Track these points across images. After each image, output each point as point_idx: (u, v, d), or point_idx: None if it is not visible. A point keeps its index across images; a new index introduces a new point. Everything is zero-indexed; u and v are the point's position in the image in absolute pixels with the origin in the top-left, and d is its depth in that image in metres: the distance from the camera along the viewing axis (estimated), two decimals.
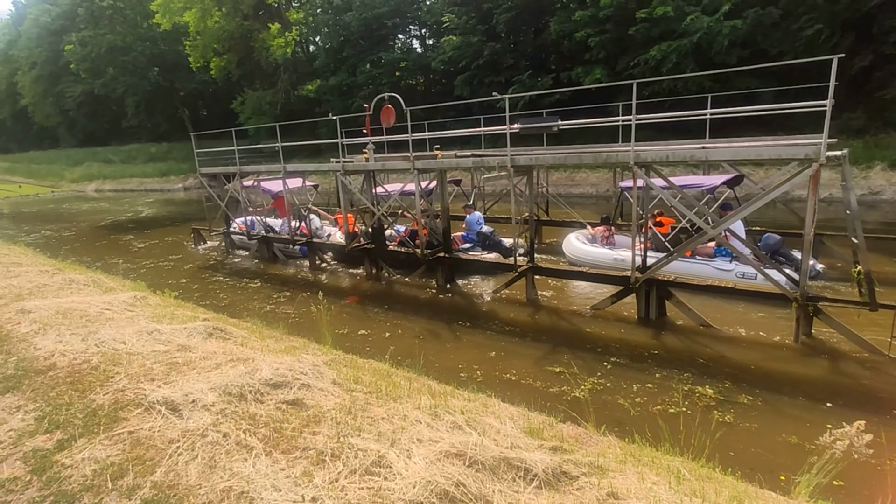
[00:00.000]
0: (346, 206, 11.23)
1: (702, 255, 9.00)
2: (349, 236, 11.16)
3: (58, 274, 8.52)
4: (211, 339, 5.28)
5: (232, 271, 12.69)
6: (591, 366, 6.46)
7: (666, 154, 7.43)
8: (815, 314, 6.51)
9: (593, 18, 21.43)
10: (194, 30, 36.53)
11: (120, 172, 43.34)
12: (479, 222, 11.51)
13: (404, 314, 8.96)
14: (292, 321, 8.49)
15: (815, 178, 6.02)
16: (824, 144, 5.90)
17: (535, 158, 8.90)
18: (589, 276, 8.67)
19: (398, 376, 4.87)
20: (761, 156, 6.84)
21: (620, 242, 10.80)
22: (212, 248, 15.87)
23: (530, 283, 9.10)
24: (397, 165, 10.43)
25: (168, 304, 7.11)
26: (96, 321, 5.62)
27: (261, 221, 13.52)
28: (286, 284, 11.21)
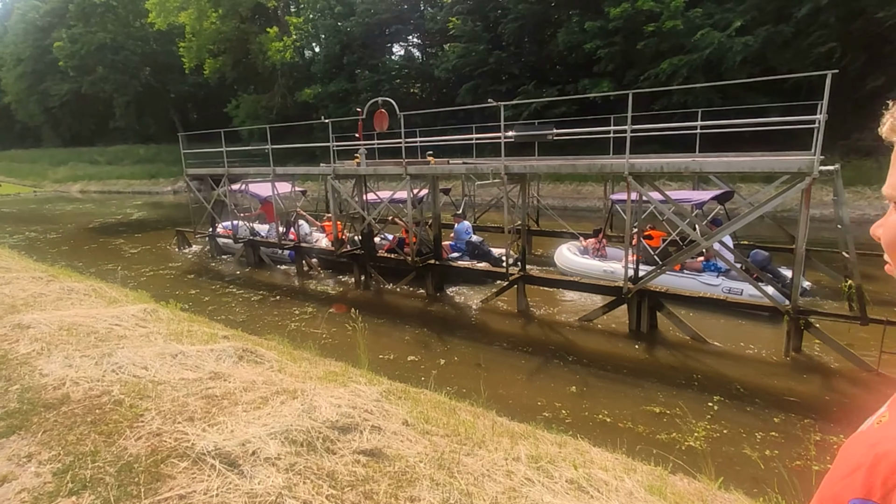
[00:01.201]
0: (336, 211, 10.94)
1: (690, 269, 9.09)
2: (338, 242, 10.85)
3: (53, 281, 7.74)
4: (243, 364, 4.61)
5: (243, 281, 11.94)
6: (694, 405, 5.68)
7: (660, 165, 7.43)
8: (806, 328, 6.55)
9: (602, 30, 21.19)
10: (190, 31, 35.69)
11: (106, 174, 42.05)
12: (467, 232, 11.42)
13: (411, 327, 8.69)
14: (305, 334, 7.82)
15: (808, 192, 6.12)
16: (817, 158, 5.95)
17: (529, 167, 8.72)
18: (581, 286, 8.65)
19: (464, 411, 4.26)
20: (755, 168, 6.93)
21: (612, 254, 10.84)
22: (195, 252, 15.29)
23: (521, 292, 8.98)
24: (389, 171, 10.23)
25: (181, 319, 6.40)
26: (107, 340, 4.92)
27: (246, 226, 13.15)
28: (295, 296, 10.59)
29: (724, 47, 18.41)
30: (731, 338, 7.44)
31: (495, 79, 26.25)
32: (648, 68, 20.94)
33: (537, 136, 10.30)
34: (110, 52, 39.97)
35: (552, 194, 22.61)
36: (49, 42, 43.29)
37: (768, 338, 7.40)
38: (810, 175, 6.03)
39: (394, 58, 33.49)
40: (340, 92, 32.22)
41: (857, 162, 17.85)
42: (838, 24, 17.90)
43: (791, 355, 6.76)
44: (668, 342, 7.56)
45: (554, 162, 8.82)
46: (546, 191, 23.05)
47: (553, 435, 3.86)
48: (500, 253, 10.95)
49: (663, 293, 7.65)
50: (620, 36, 21.13)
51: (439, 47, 30.68)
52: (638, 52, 21.36)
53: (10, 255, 11.48)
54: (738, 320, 8.00)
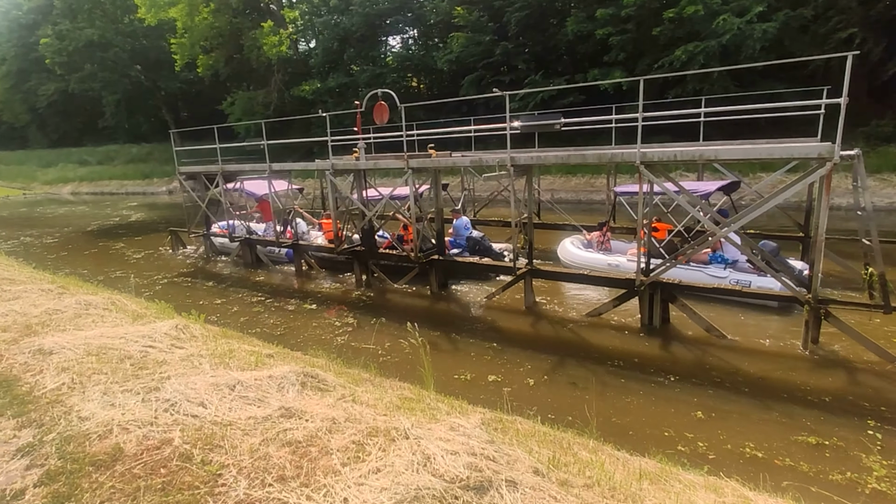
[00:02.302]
0: (335, 207, 10.48)
1: (696, 261, 8.86)
2: (337, 240, 10.43)
3: (65, 294, 7.02)
4: (308, 392, 3.97)
5: (259, 287, 11.18)
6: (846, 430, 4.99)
7: (673, 154, 7.11)
8: (826, 318, 6.34)
9: (615, 17, 20.54)
10: (181, 26, 34.58)
11: (98, 174, 40.88)
12: (466, 227, 11.17)
13: (442, 331, 8.10)
14: (355, 350, 7.12)
15: (829, 178, 5.93)
16: (838, 143, 5.74)
17: (537, 157, 8.39)
18: (591, 279, 8.38)
19: (577, 445, 3.64)
20: (772, 155, 6.58)
21: (616, 248, 10.64)
22: (190, 253, 14.77)
23: (529, 286, 8.73)
24: (390, 165, 9.85)
25: (215, 336, 5.72)
26: (146, 367, 4.24)
27: (243, 225, 12.67)
28: (329, 303, 9.78)
29: (743, 34, 17.82)
30: (740, 331, 7.31)
31: (500, 70, 25.55)
32: (661, 56, 20.34)
33: (544, 126, 9.78)
34: (99, 49, 38.68)
35: (564, 187, 22.08)
36: (34, 40, 41.84)
37: (779, 330, 7.33)
38: (831, 160, 5.83)
39: (394, 50, 32.64)
40: (339, 87, 31.35)
41: (883, 149, 17.37)
42: (859, 9, 17.39)
43: (810, 347, 6.57)
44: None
45: (562, 152, 8.54)
46: (559, 184, 22.54)
47: (699, 476, 3.25)
48: (501, 248, 10.89)
49: (676, 285, 7.40)
50: (633, 23, 20.49)
51: (441, 39, 29.88)
52: (650, 40, 20.77)
53: (9, 263, 10.70)
54: (744, 313, 7.88)
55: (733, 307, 8.05)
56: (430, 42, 31.34)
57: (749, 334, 7.26)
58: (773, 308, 7.92)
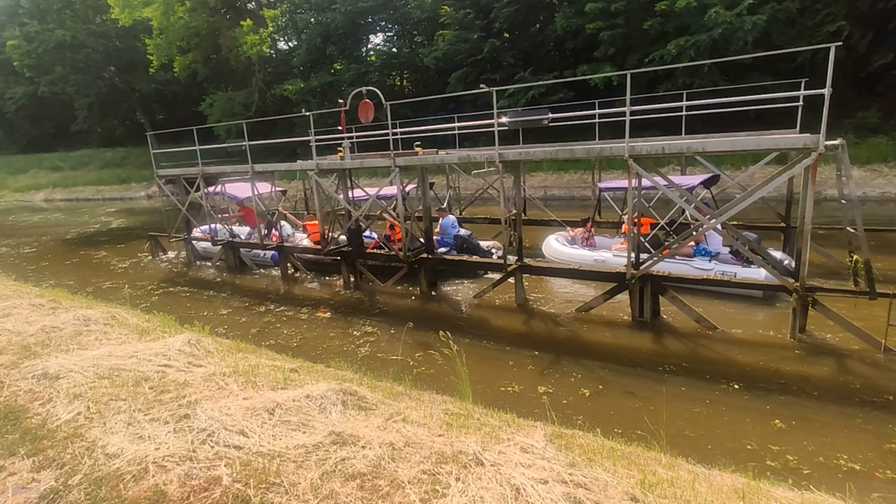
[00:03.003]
0: (320, 208, 10.23)
1: (681, 255, 8.95)
2: (324, 240, 10.21)
3: (58, 309, 6.54)
4: (351, 412, 3.64)
5: (256, 293, 10.69)
6: None
7: (662, 147, 7.16)
8: (813, 305, 6.47)
9: (604, 11, 20.45)
10: (157, 26, 33.55)
11: (72, 180, 39.49)
12: (453, 226, 11.14)
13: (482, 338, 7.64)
14: (384, 361, 6.71)
15: (814, 168, 6.06)
16: (823, 133, 5.84)
17: (525, 153, 8.40)
18: (582, 273, 8.47)
19: (651, 461, 3.38)
20: (759, 146, 6.74)
21: (600, 244, 10.70)
22: (171, 258, 14.34)
23: (519, 283, 8.75)
24: (376, 163, 9.71)
25: (230, 350, 5.34)
26: (167, 390, 3.86)
27: (225, 228, 12.34)
28: (344, 310, 9.22)
29: (733, 27, 17.87)
30: (729, 322, 7.37)
31: (488, 67, 25.29)
32: (651, 51, 20.32)
33: (532, 121, 9.65)
34: (70, 50, 37.29)
35: (557, 184, 21.96)
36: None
37: (768, 320, 7.46)
38: (816, 150, 5.96)
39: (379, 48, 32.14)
40: (323, 86, 30.75)
41: (873, 140, 17.59)
42: (846, 2, 17.57)
43: (798, 336, 6.66)
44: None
45: (550, 148, 8.52)
46: (551, 181, 22.41)
47: (790, 491, 3.00)
48: (489, 245, 10.93)
49: (666, 277, 7.49)
50: (623, 17, 20.42)
51: (426, 36, 29.52)
52: (640, 35, 20.74)
53: None
54: (727, 304, 7.97)
55: (716, 299, 8.14)
56: (416, 40, 30.94)
57: (757, 326, 7.31)
58: (757, 299, 8.10)
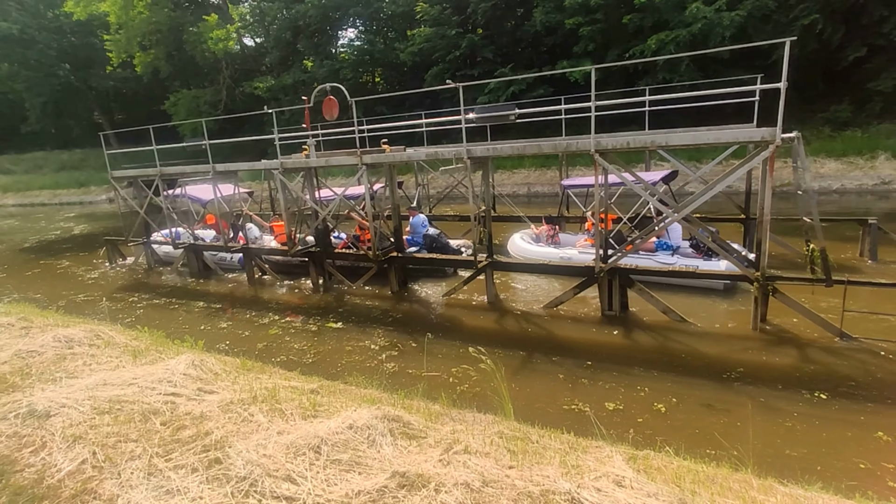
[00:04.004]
0: (285, 208, 10.03)
1: (644, 250, 9.13)
2: (290, 241, 10.03)
3: (32, 328, 5.84)
4: (403, 443, 3.21)
5: (273, 305, 9.99)
6: None
7: (626, 141, 7.34)
8: (773, 294, 6.71)
9: (583, 6, 20.34)
10: (116, 22, 31.85)
11: (25, 184, 37.24)
12: (424, 225, 11.14)
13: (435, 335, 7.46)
14: (411, 377, 6.19)
15: (772, 160, 6.35)
16: (779, 126, 6.10)
17: (493, 149, 8.45)
18: (552, 268, 8.78)
19: (746, 486, 3.06)
20: (719, 140, 7.02)
21: (565, 241, 10.90)
22: (130, 264, 13.68)
23: (490, 280, 8.81)
24: (343, 161, 9.64)
25: (238, 369, 4.80)
26: (184, 425, 3.33)
27: (188, 231, 11.89)
28: (355, 320, 8.61)
29: (712, 23, 17.99)
30: (693, 314, 7.50)
31: (467, 63, 24.93)
32: (630, 46, 20.34)
33: (499, 117, 9.57)
34: (19, 45, 35.06)
35: (540, 181, 21.80)
36: None
37: (730, 312, 7.71)
38: (773, 143, 6.21)
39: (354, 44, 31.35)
40: (295, 83, 29.78)
41: (848, 133, 17.99)
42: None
43: (760, 327, 6.90)
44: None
45: (518, 143, 8.62)
46: (534, 177, 22.23)
47: None
48: (459, 244, 11.04)
49: (634, 270, 7.66)
50: (602, 12, 20.36)
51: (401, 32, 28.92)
52: (619, 30, 20.74)
53: None
54: (690, 297, 8.18)
55: (678, 292, 8.26)
56: (390, 35, 30.27)
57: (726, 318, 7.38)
58: (718, 291, 8.42)
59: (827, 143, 18.00)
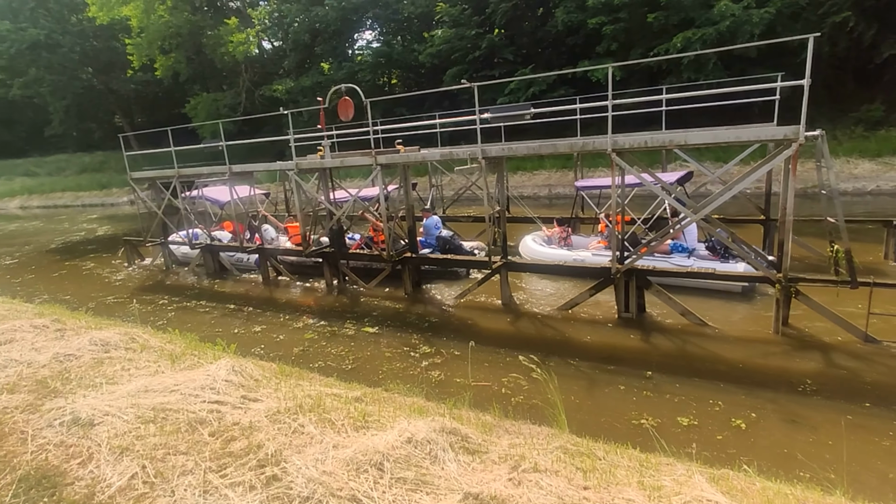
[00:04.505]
0: (300, 209, 10.09)
1: (659, 252, 8.98)
2: (305, 242, 10.09)
3: (66, 330, 5.77)
4: (466, 459, 3.05)
5: (307, 308, 9.69)
6: None
7: (644, 140, 7.19)
8: (796, 295, 6.57)
9: (607, 6, 20.01)
10: (137, 25, 32.22)
11: (49, 186, 37.86)
12: (437, 226, 11.09)
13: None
14: (458, 385, 5.92)
15: (794, 159, 6.17)
16: (803, 125, 5.95)
17: (508, 149, 8.37)
18: (567, 269, 8.66)
19: None
20: (740, 138, 6.80)
21: (577, 243, 10.77)
22: (148, 265, 13.75)
23: (504, 281, 8.71)
24: (357, 162, 9.60)
25: (277, 375, 4.65)
26: (233, 436, 3.19)
27: (205, 232, 12.00)
28: (389, 323, 8.43)
29: (740, 20, 17.58)
30: (710, 317, 7.35)
31: (486, 64, 24.73)
32: (655, 45, 19.97)
33: (514, 117, 9.72)
34: (45, 50, 35.71)
35: (562, 182, 21.49)
36: None
37: (747, 315, 7.58)
38: (796, 141, 6.05)
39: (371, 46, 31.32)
40: (314, 85, 29.81)
41: (882, 133, 17.44)
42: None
43: (782, 330, 6.72)
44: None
45: (533, 143, 8.53)
46: (555, 178, 21.95)
47: None
48: (472, 246, 11.01)
49: (651, 271, 7.53)
50: (626, 11, 20.02)
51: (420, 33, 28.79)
52: (643, 29, 20.41)
53: None
54: (709, 300, 7.99)
55: (693, 295, 8.07)
56: (409, 36, 30.17)
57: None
58: (735, 294, 8.24)
59: (860, 143, 17.49)
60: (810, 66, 5.75)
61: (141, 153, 14.74)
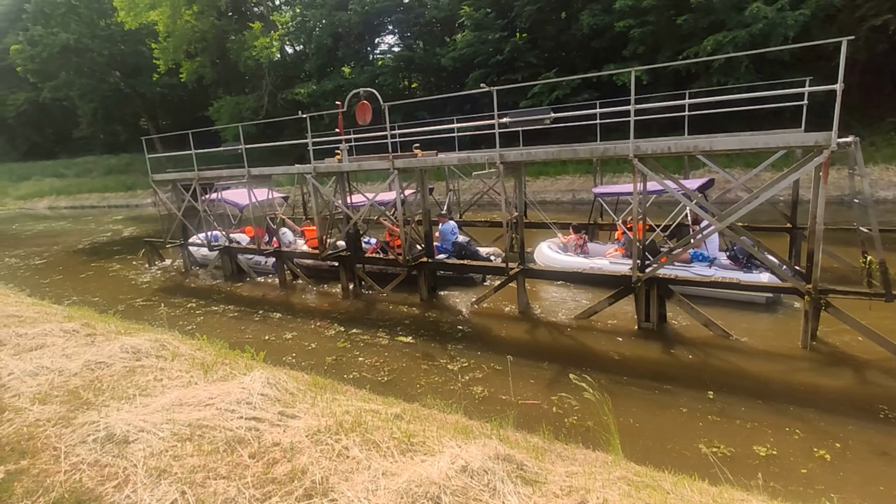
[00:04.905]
0: (318, 212, 10.11)
1: (679, 261, 8.71)
2: (321, 245, 10.08)
3: (96, 336, 5.68)
4: (525, 491, 2.80)
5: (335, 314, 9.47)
6: None
7: (667, 145, 6.98)
8: (826, 307, 6.31)
9: (634, 8, 19.66)
10: (164, 30, 32.71)
11: (76, 187, 38.69)
12: (453, 232, 10.99)
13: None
14: (502, 403, 5.69)
15: (826, 166, 5.98)
16: (835, 130, 5.77)
17: (526, 154, 8.17)
18: (587, 277, 8.41)
19: None
20: (768, 144, 6.54)
21: (594, 251, 10.62)
22: (167, 266, 13.92)
23: (521, 288, 8.56)
24: (375, 166, 9.53)
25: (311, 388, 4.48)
26: (275, 458, 3.00)
27: (224, 234, 12.12)
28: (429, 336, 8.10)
29: (774, 23, 17.07)
30: (734, 329, 7.13)
31: (509, 68, 24.49)
32: (683, 48, 19.57)
33: (534, 120, 9.45)
34: (74, 54, 36.60)
35: (585, 187, 21.12)
36: (0, 48, 39.37)
37: (773, 327, 7.33)
38: (828, 148, 5.86)
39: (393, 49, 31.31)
40: (336, 88, 29.88)
41: None
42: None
43: (811, 345, 6.46)
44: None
45: (552, 148, 8.30)
46: (578, 184, 21.59)
47: None
48: (488, 252, 10.93)
49: (673, 280, 7.34)
50: (654, 14, 19.63)
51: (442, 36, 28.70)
52: (671, 32, 20.05)
53: (4, 292, 9.15)
54: (731, 311, 7.74)
55: (714, 305, 7.79)
56: (431, 40, 30.08)
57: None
58: (759, 305, 7.99)
59: None
60: (843, 71, 5.58)
61: (163, 155, 15.06)
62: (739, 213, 6.66)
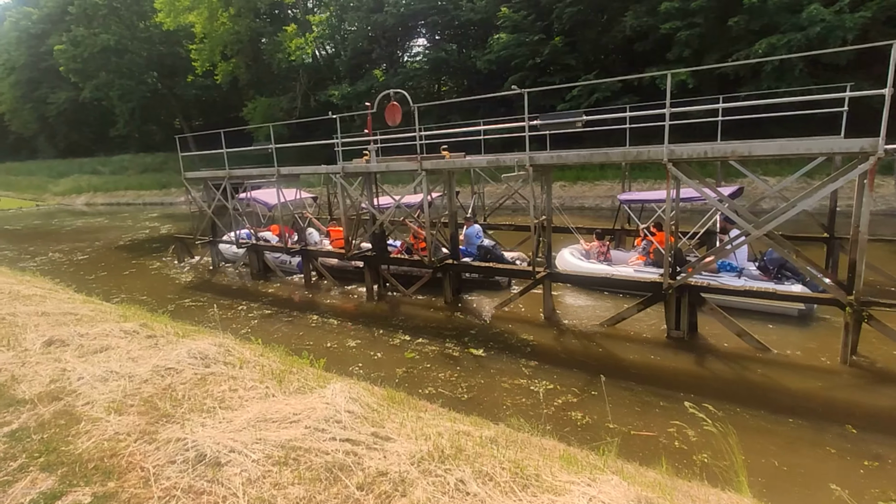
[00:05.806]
0: (344, 212, 10.22)
1: (707, 270, 8.41)
2: (348, 244, 10.18)
3: (158, 338, 5.49)
4: None
5: (393, 322, 9.16)
6: None
7: (704, 150, 6.83)
8: (868, 320, 6.09)
9: (681, 10, 19.06)
10: (201, 32, 33.21)
11: (113, 185, 39.80)
12: (478, 236, 11.03)
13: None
14: (567, 423, 5.41)
15: (872, 174, 5.74)
16: (882, 136, 5.59)
17: (556, 157, 8.09)
18: (615, 282, 8.28)
19: None
20: (810, 150, 6.33)
21: (617, 258, 10.47)
22: (195, 262, 14.19)
23: (548, 292, 8.48)
24: (402, 167, 9.57)
25: (391, 404, 4.13)
26: (384, 491, 2.63)
27: (251, 232, 12.41)
28: (482, 343, 7.82)
29: (832, 25, 16.32)
30: (767, 341, 6.85)
31: (547, 71, 24.10)
32: (733, 51, 18.94)
33: (566, 123, 9.43)
34: (114, 54, 37.82)
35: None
36: (44, 49, 41.31)
37: (807, 340, 7.09)
38: (874, 155, 5.65)
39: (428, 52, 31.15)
40: (369, 90, 29.85)
41: None
42: None
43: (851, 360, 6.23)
44: None
45: (584, 151, 8.19)
46: (618, 189, 21.03)
47: None
48: (513, 256, 10.88)
49: (705, 287, 7.19)
50: (702, 16, 18.98)
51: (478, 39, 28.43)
52: (720, 34, 19.49)
53: (54, 288, 9.13)
54: (761, 323, 7.50)
55: (743, 316, 7.43)
56: (467, 42, 29.84)
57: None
58: (792, 317, 7.75)
59: None
60: (892, 75, 5.39)
61: (196, 154, 15.27)
62: (777, 221, 6.49)
